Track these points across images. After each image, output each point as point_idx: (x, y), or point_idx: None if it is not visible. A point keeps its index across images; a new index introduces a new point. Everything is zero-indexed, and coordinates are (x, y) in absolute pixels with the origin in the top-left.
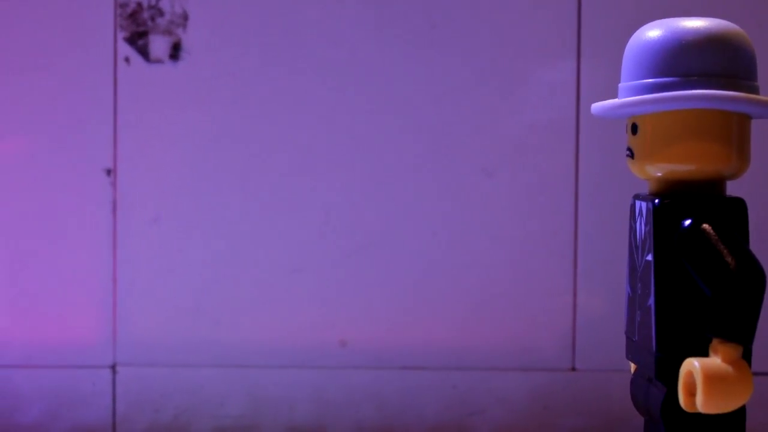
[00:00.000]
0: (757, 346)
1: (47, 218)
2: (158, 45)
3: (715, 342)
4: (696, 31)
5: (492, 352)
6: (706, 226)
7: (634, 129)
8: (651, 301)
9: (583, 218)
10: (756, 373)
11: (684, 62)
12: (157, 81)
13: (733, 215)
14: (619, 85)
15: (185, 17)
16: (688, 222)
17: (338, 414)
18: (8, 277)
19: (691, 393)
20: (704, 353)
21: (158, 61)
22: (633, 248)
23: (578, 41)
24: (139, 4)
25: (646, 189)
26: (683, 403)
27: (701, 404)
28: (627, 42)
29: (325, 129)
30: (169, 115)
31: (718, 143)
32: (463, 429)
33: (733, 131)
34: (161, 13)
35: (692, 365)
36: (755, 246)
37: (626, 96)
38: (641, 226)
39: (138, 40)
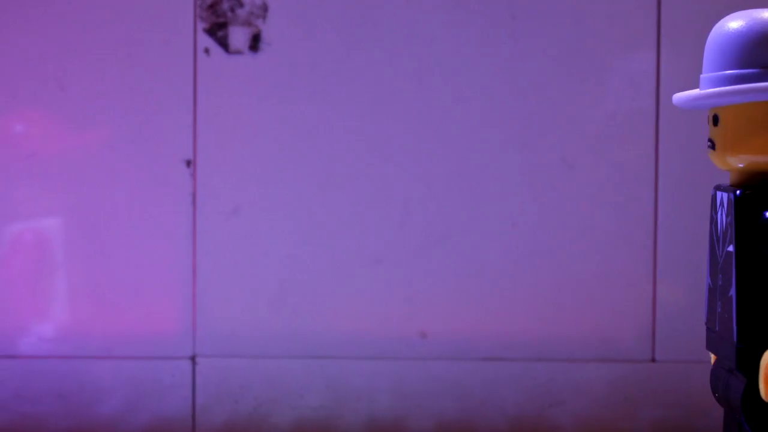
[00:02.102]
0: None
1: (127, 209)
2: (238, 36)
3: None
4: None
5: (572, 343)
6: None
7: (716, 120)
8: (732, 291)
9: (662, 209)
10: None
11: (766, 54)
12: (237, 72)
13: None
14: (701, 75)
15: (265, 8)
16: None
17: (418, 405)
18: (88, 269)
19: None
20: None
21: (238, 52)
22: (714, 239)
23: (658, 31)
24: None
25: (726, 180)
26: (764, 394)
27: None
28: (707, 32)
29: (405, 119)
30: (249, 107)
31: None
32: (543, 420)
33: None
34: (241, 5)
35: None
36: None
37: (708, 87)
38: (722, 217)
39: (218, 31)
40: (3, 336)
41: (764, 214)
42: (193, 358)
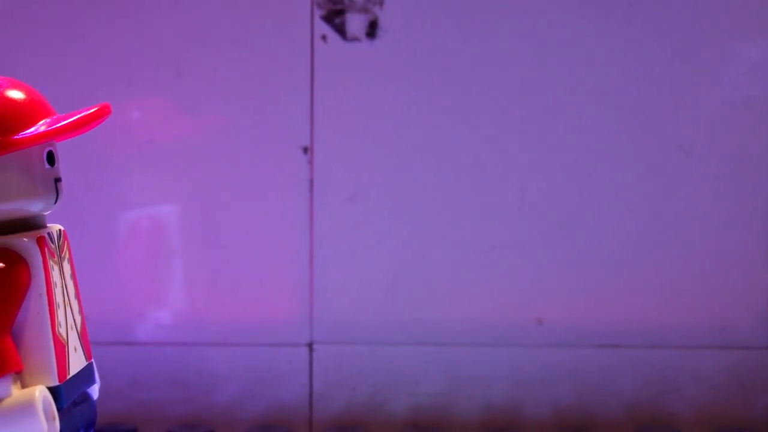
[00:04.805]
0: None
1: (244, 197)
2: (355, 23)
3: None
4: None
5: (688, 329)
6: None
7: None
8: None
9: None
10: None
11: None
12: (354, 59)
13: None
14: None
15: None
16: None
17: (535, 392)
18: (206, 256)
19: None
20: None
21: (355, 39)
22: None
23: None
24: None
25: None
26: None
27: None
28: None
29: (522, 107)
30: (366, 94)
31: None
32: (660, 407)
33: None
34: None
35: None
36: None
37: None
38: None
39: (335, 18)
40: (120, 323)
41: None
42: (310, 345)
